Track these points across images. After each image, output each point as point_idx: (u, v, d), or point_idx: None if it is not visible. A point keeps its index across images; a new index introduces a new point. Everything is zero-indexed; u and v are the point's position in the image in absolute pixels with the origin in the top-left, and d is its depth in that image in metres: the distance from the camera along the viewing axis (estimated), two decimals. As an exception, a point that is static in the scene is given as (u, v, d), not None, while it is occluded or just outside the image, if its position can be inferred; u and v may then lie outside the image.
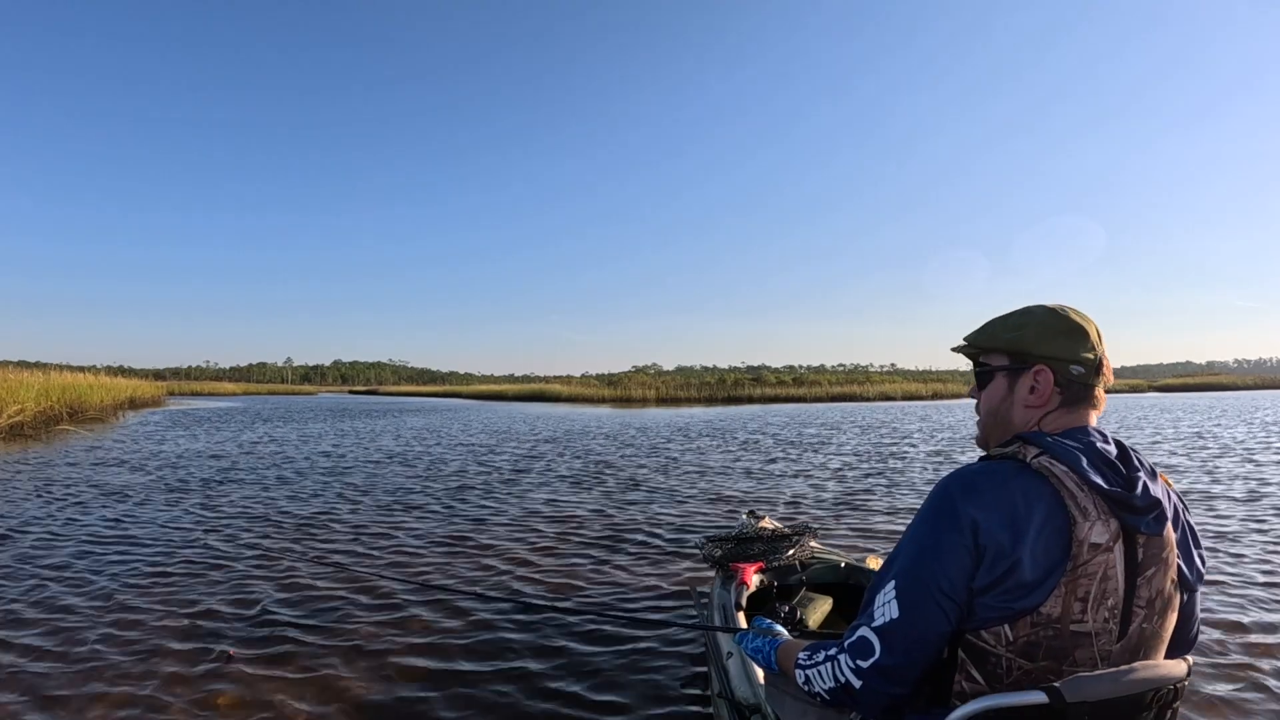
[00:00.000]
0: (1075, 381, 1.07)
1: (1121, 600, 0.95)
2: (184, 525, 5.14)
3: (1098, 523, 0.93)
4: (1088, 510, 0.94)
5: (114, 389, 23.20)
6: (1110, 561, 0.94)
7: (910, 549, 1.01)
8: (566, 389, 47.56)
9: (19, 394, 14.80)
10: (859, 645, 1.01)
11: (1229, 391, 50.09)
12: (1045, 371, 1.08)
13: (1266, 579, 3.57)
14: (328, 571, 3.88)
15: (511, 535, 4.76)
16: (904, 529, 1.04)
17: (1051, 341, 1.08)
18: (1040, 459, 0.98)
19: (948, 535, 0.96)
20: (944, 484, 1.02)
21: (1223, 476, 7.26)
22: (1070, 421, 1.07)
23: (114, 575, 3.83)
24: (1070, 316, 1.10)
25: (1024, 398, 1.10)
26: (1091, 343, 1.08)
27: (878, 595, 1.02)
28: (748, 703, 1.55)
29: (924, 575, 0.97)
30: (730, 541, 2.55)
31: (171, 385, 55.41)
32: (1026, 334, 1.11)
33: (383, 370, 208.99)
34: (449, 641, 2.85)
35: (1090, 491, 0.95)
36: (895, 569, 1.02)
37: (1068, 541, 0.92)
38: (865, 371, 79.74)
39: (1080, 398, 1.07)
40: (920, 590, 0.97)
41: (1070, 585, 0.92)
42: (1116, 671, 0.92)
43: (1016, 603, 0.93)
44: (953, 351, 1.21)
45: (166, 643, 2.85)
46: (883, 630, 0.99)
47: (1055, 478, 0.95)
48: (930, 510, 1.01)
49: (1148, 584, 0.97)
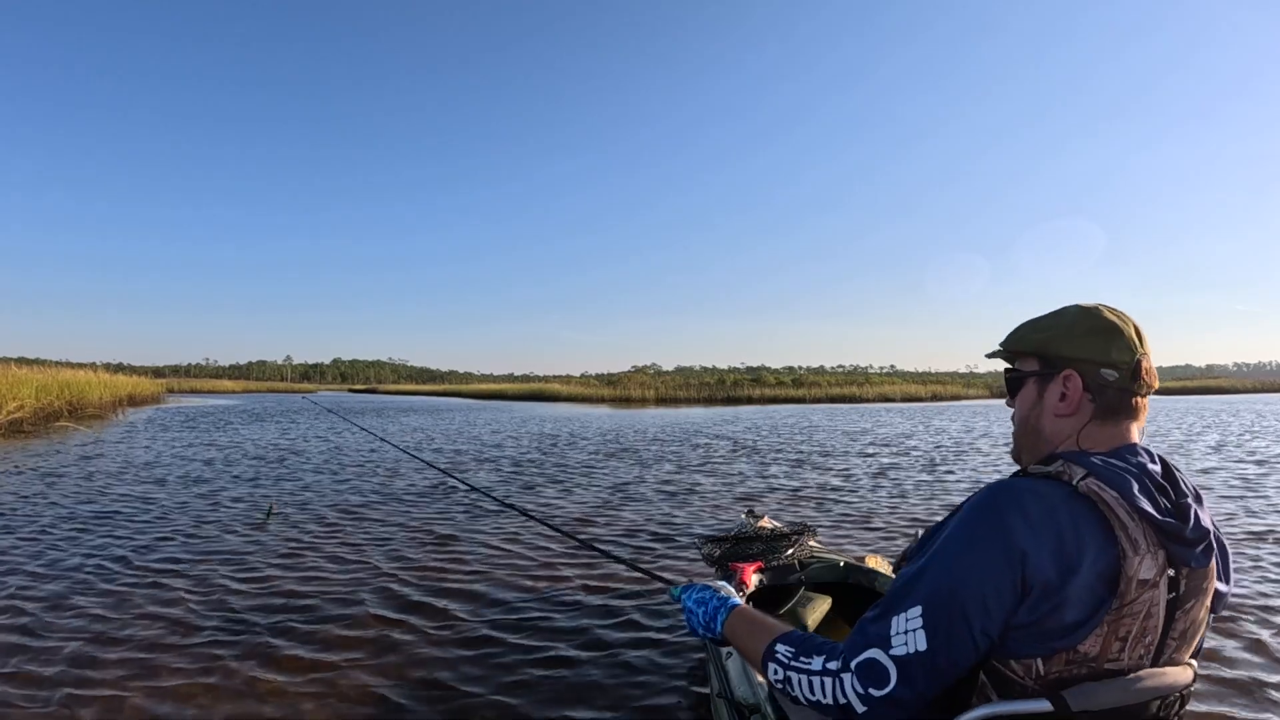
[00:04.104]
0: (1109, 387, 0.96)
1: (1159, 636, 0.90)
2: (184, 521, 5.14)
3: (1147, 556, 0.86)
4: (1138, 543, 0.86)
5: (113, 386, 23.17)
6: (1155, 598, 0.88)
7: (944, 570, 0.88)
8: (566, 388, 47.59)
9: (19, 390, 14.79)
10: (871, 670, 0.89)
11: (1228, 395, 50.10)
12: (1074, 376, 0.98)
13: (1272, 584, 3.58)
14: (327, 569, 3.89)
15: (511, 535, 4.77)
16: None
17: (1081, 342, 0.98)
18: (1089, 482, 0.88)
19: (994, 564, 0.85)
20: (990, 500, 0.90)
21: (1218, 481, 7.27)
22: (1113, 437, 0.97)
23: (112, 572, 3.83)
24: (1103, 314, 1.00)
25: (1053, 406, 1.00)
26: (1127, 342, 0.97)
27: (897, 617, 0.89)
28: (747, 703, 1.55)
29: (960, 607, 0.86)
30: (729, 541, 2.55)
31: (171, 383, 55.37)
32: (1055, 335, 1.01)
33: (382, 369, 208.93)
34: (446, 641, 2.86)
35: (1141, 521, 0.87)
36: (924, 590, 0.88)
37: (1116, 577, 0.85)
38: (864, 373, 79.84)
39: (1117, 407, 0.97)
40: (953, 623, 0.86)
41: (1113, 624, 0.86)
42: (1123, 680, 0.88)
43: (1056, 641, 0.86)
44: (987, 358, 1.12)
45: (165, 638, 2.85)
46: (903, 661, 0.87)
47: (1106, 505, 0.86)
48: (974, 528, 0.89)
49: (1185, 616, 0.92)
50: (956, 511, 0.96)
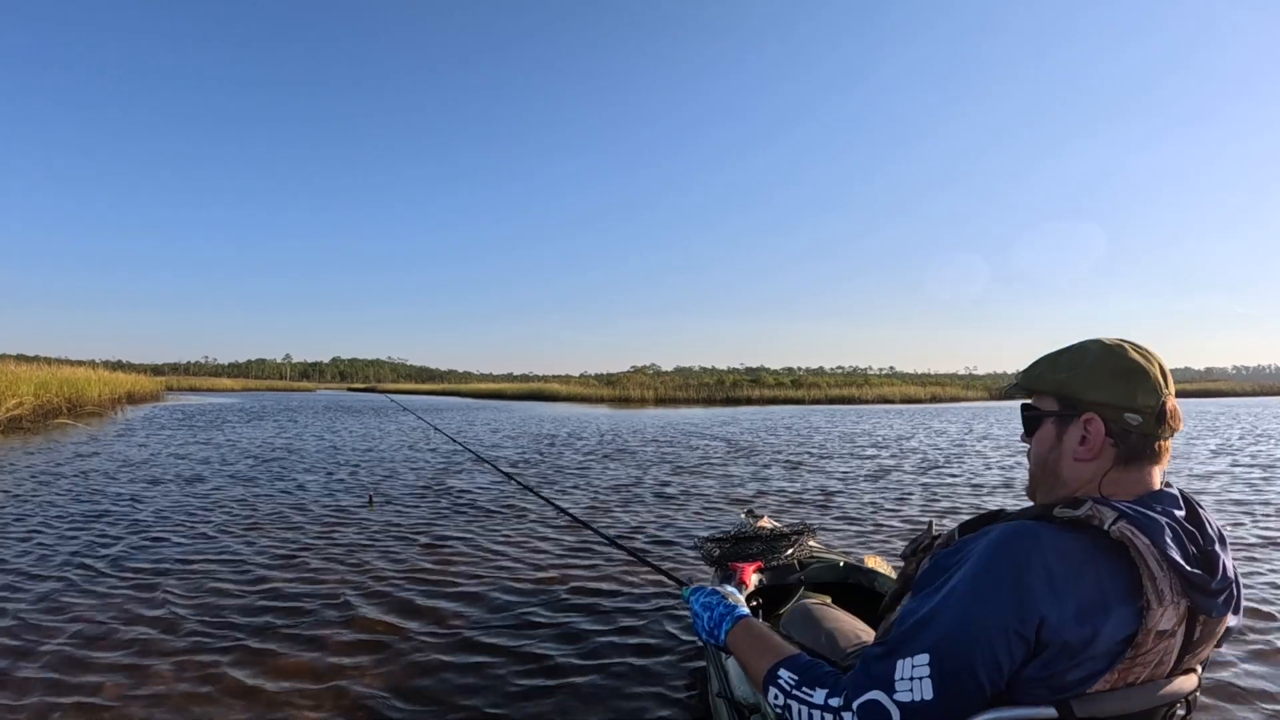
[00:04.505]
0: (1133, 432, 0.93)
1: (1168, 670, 0.90)
2: (182, 517, 5.13)
3: (1170, 607, 0.85)
4: (1164, 595, 0.84)
5: (112, 383, 23.15)
6: (1169, 647, 0.87)
7: (955, 620, 0.86)
8: (565, 388, 47.56)
9: (17, 388, 14.77)
10: (874, 713, 0.87)
11: (1227, 399, 50.09)
12: (1096, 420, 0.94)
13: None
14: (324, 567, 3.87)
15: (509, 534, 4.75)
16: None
17: (1105, 386, 0.94)
18: (1121, 526, 0.85)
19: (1007, 622, 0.83)
20: (1010, 547, 0.86)
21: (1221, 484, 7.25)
22: (1136, 483, 0.94)
23: (102, 573, 3.81)
24: (1129, 355, 0.95)
25: (1073, 449, 0.96)
26: (1153, 385, 0.93)
27: (904, 661, 0.87)
28: (747, 703, 1.54)
29: (969, 660, 0.84)
30: (728, 541, 2.54)
31: (170, 380, 55.31)
32: (1076, 375, 0.97)
33: (381, 368, 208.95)
34: (442, 643, 2.85)
35: (1170, 571, 0.84)
36: (932, 638, 0.86)
37: (1136, 629, 0.84)
38: (864, 374, 79.86)
39: (1139, 452, 0.93)
40: (961, 676, 0.84)
41: (1125, 671, 0.86)
42: (1128, 689, 0.88)
43: (1067, 689, 0.86)
44: (1004, 396, 1.12)
45: (155, 639, 2.84)
46: (908, 708, 0.85)
47: (1138, 552, 0.84)
48: (990, 577, 0.86)
49: (1194, 657, 0.93)
50: (972, 540, 0.93)
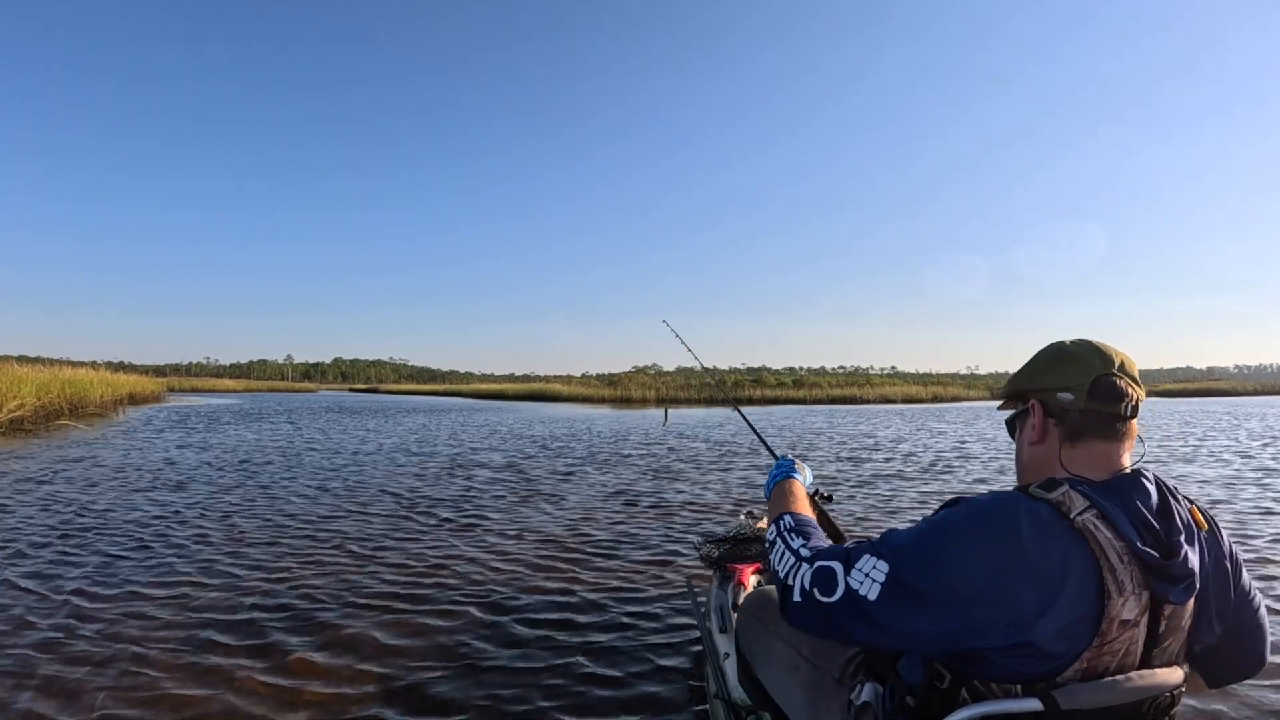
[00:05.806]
0: (1069, 410, 1.00)
1: (1135, 669, 0.93)
2: (181, 515, 5.14)
3: (1131, 597, 0.89)
4: (1124, 585, 0.88)
5: (114, 384, 23.16)
6: (1134, 637, 0.91)
7: (928, 552, 0.92)
8: (566, 389, 47.56)
9: (20, 388, 14.78)
10: (826, 578, 0.96)
11: (1229, 398, 50.01)
12: (1036, 405, 1.05)
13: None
14: (323, 568, 3.88)
15: (507, 534, 4.76)
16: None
17: (1040, 373, 1.06)
18: (1086, 517, 0.90)
19: (972, 578, 0.88)
20: (991, 511, 0.92)
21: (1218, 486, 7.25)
22: (1096, 460, 0.99)
23: (101, 573, 3.82)
24: (1064, 344, 1.07)
25: (1027, 437, 1.07)
26: (1085, 365, 1.01)
27: (870, 556, 0.95)
28: (744, 704, 1.54)
29: (919, 592, 0.90)
30: (728, 541, 2.54)
31: (171, 381, 55.44)
32: (1023, 373, 1.10)
33: (383, 368, 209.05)
34: (442, 641, 2.85)
35: (1131, 562, 0.89)
36: (900, 557, 0.93)
37: (1098, 618, 0.88)
38: (865, 374, 79.77)
39: (1082, 429, 1.00)
40: (907, 600, 0.90)
41: (1092, 661, 0.90)
42: (1112, 681, 0.91)
43: (1033, 668, 0.90)
44: (998, 410, 1.20)
45: (163, 633, 2.85)
46: (851, 595, 0.93)
47: (1098, 545, 0.88)
48: (968, 531, 0.91)
49: (1162, 653, 0.95)
50: (958, 502, 0.99)
